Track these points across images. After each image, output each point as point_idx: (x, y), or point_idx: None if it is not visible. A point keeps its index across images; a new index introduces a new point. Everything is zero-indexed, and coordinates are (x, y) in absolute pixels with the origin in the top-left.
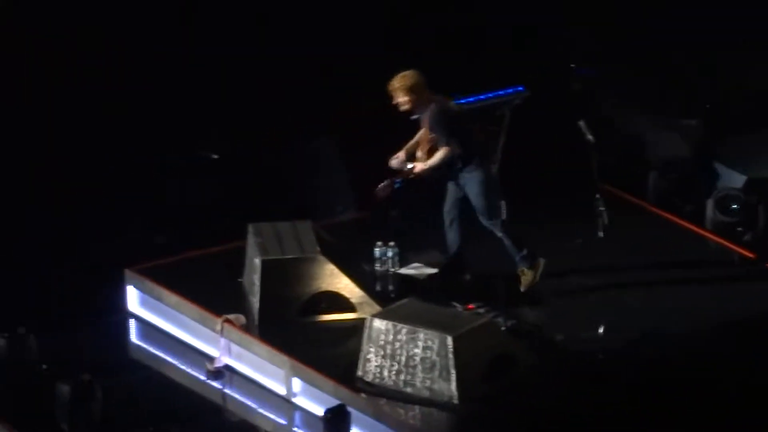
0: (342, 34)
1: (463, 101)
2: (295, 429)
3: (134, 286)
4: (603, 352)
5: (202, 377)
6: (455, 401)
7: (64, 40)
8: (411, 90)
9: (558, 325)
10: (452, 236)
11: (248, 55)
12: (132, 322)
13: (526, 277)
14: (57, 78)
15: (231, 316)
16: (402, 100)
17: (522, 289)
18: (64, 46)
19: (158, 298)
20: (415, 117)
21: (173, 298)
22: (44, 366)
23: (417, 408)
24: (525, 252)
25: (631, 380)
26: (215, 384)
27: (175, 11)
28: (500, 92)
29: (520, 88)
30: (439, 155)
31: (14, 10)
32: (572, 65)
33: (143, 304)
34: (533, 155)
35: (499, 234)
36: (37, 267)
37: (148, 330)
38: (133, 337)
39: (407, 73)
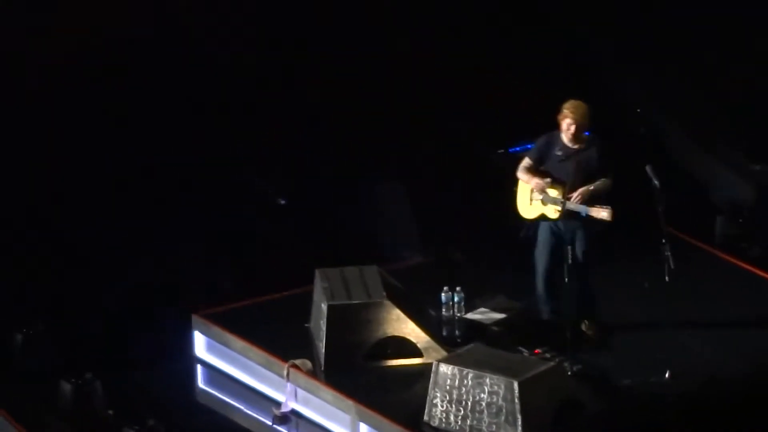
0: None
1: (528, 146)
2: None
3: (201, 332)
4: (670, 397)
5: (269, 422)
6: None
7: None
8: (586, 118)
9: (624, 370)
10: (551, 296)
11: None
12: (198, 367)
13: (593, 330)
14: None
15: (297, 361)
16: (578, 124)
17: (590, 336)
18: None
19: (225, 344)
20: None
21: (240, 343)
22: (110, 411)
23: None
24: (594, 305)
25: (698, 428)
26: (282, 429)
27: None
28: None
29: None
30: (607, 187)
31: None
32: (638, 110)
33: (210, 349)
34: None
35: (585, 287)
36: (106, 311)
37: (214, 375)
38: (200, 382)
39: (583, 103)
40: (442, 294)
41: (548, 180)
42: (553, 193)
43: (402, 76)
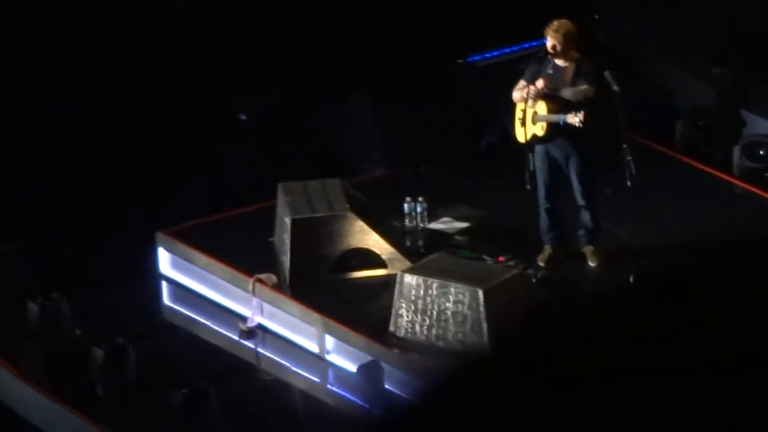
0: None
1: (487, 56)
2: (328, 386)
3: (165, 249)
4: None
5: (235, 337)
6: (488, 354)
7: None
8: (571, 37)
9: (588, 275)
10: (558, 227)
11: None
12: (164, 285)
13: (597, 255)
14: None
15: (263, 276)
16: (561, 44)
17: (593, 265)
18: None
19: (189, 260)
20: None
21: (204, 259)
22: (78, 330)
23: (450, 361)
24: (598, 229)
25: (663, 326)
26: (248, 344)
27: None
28: (524, 45)
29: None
30: (586, 92)
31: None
32: (597, 16)
33: (174, 266)
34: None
35: (588, 211)
36: (69, 231)
37: (180, 292)
38: (166, 299)
39: (568, 21)
40: (405, 204)
41: (541, 84)
42: (542, 108)
43: None
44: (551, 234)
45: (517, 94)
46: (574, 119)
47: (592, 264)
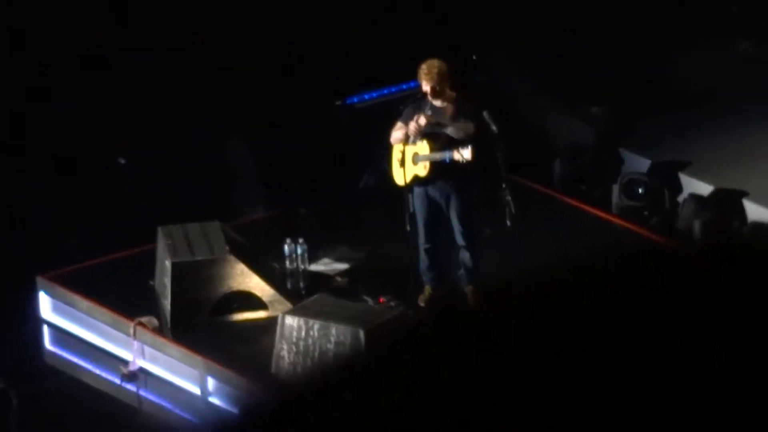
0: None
1: (365, 97)
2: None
3: (46, 293)
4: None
5: (118, 381)
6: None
7: None
8: (445, 76)
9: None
10: (438, 267)
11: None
12: (45, 329)
13: (477, 295)
14: None
15: (143, 319)
16: (436, 83)
17: (473, 304)
18: None
19: (70, 304)
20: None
21: (85, 303)
22: None
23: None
24: (478, 269)
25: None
26: (130, 387)
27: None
28: (402, 86)
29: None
30: (467, 129)
31: None
32: (474, 56)
33: (56, 310)
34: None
35: (468, 251)
36: None
37: (61, 336)
38: (47, 343)
39: (439, 61)
40: (285, 246)
41: (423, 121)
42: (423, 148)
43: (231, 37)
44: (431, 274)
45: (396, 135)
46: (460, 155)
47: (472, 303)
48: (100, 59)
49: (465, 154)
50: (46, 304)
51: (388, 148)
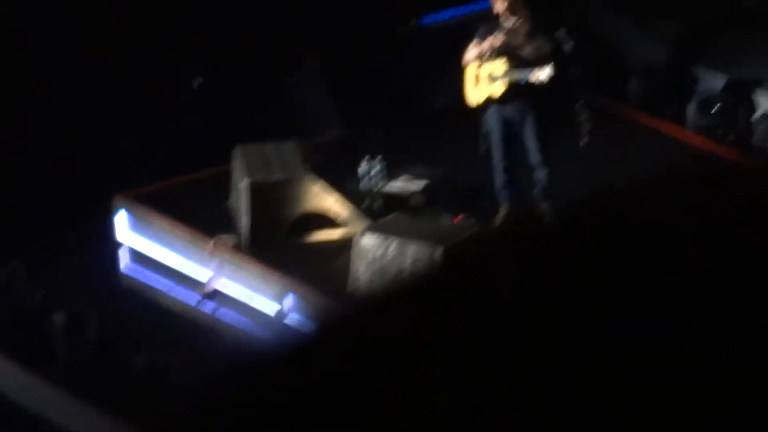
0: None
1: (439, 17)
2: (287, 346)
3: (125, 211)
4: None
5: (195, 300)
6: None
7: None
8: None
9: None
10: (514, 185)
11: None
12: (122, 249)
13: (550, 213)
14: None
15: (222, 237)
16: (510, 2)
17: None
18: None
19: (148, 223)
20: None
21: (163, 222)
22: (37, 297)
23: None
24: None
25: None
26: (208, 306)
27: None
28: (474, 7)
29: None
30: (542, 49)
31: None
32: None
33: (133, 229)
34: None
35: (544, 169)
36: (28, 195)
37: (138, 256)
38: (124, 263)
39: None
40: (362, 165)
41: (497, 38)
42: (499, 68)
43: None
44: (507, 192)
45: (470, 54)
46: (537, 76)
47: (548, 221)
48: None
49: (542, 74)
50: (123, 224)
51: (461, 68)
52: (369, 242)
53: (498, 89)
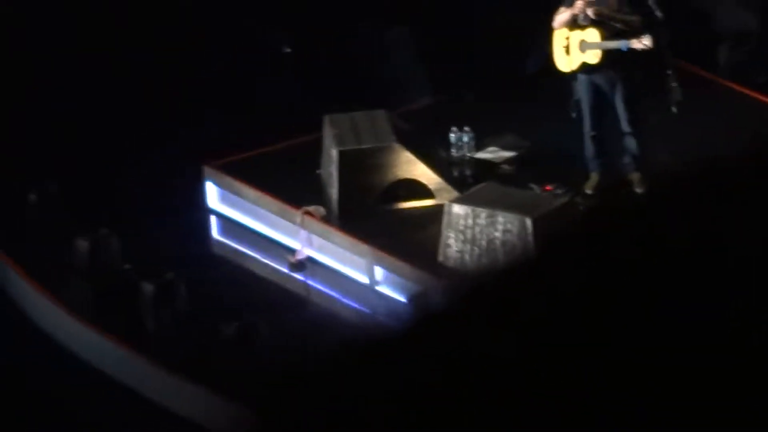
0: None
1: None
2: (378, 317)
3: (213, 182)
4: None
5: (285, 270)
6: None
7: None
8: None
9: (638, 201)
10: (604, 154)
11: None
12: (212, 218)
13: (643, 181)
14: None
15: (311, 208)
16: None
17: (640, 191)
18: None
19: (237, 193)
20: None
21: (252, 192)
22: (127, 266)
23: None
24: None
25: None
26: (298, 276)
27: None
28: None
29: None
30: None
31: None
32: None
33: (222, 199)
34: None
35: (634, 138)
36: (116, 166)
37: (228, 225)
38: (214, 232)
39: None
40: (451, 134)
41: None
42: (593, 35)
43: None
44: (597, 161)
45: (560, 18)
46: (640, 44)
47: (639, 190)
48: None
49: (645, 41)
50: (213, 194)
51: (550, 33)
52: (459, 212)
53: (593, 57)
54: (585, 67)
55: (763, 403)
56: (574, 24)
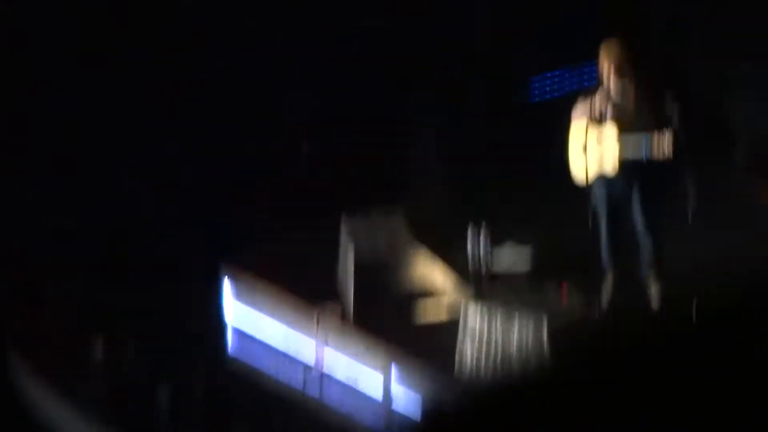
0: None
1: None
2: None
3: (229, 281)
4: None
5: (301, 374)
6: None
7: None
8: (623, 56)
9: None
10: (621, 253)
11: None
12: (229, 315)
13: (660, 281)
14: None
15: (326, 307)
16: (617, 66)
17: (656, 290)
18: None
19: (253, 293)
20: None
21: (268, 291)
22: (143, 368)
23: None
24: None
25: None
26: (314, 382)
27: None
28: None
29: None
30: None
31: None
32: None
33: (238, 299)
34: None
35: (653, 243)
36: (131, 265)
37: (246, 322)
38: (231, 331)
39: (617, 40)
40: (468, 231)
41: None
42: (610, 136)
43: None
44: (614, 262)
45: (577, 116)
46: (661, 150)
47: (654, 290)
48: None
49: (664, 147)
50: (229, 293)
51: (567, 131)
52: (475, 310)
53: (609, 162)
54: (602, 173)
55: None
56: (589, 122)
